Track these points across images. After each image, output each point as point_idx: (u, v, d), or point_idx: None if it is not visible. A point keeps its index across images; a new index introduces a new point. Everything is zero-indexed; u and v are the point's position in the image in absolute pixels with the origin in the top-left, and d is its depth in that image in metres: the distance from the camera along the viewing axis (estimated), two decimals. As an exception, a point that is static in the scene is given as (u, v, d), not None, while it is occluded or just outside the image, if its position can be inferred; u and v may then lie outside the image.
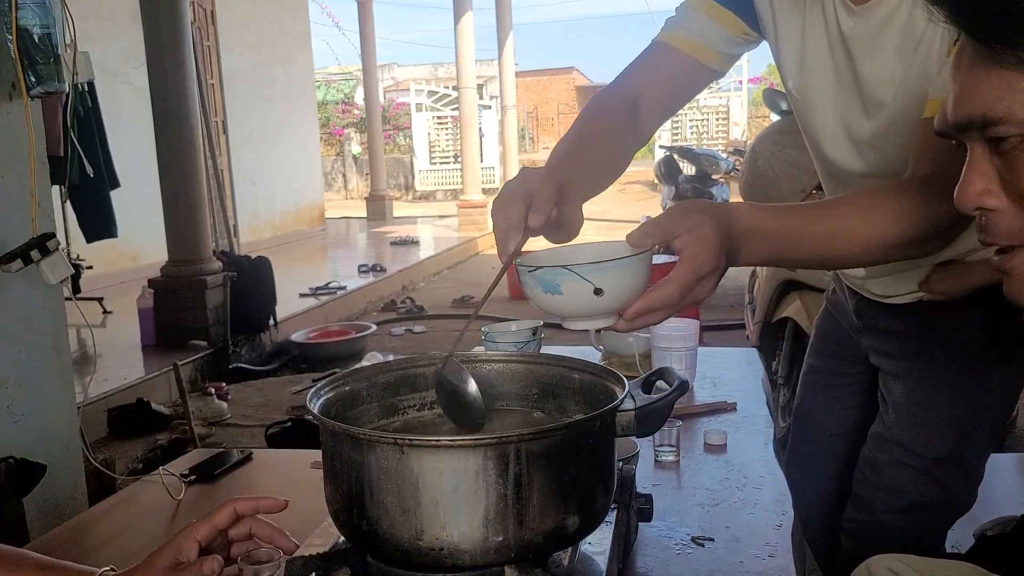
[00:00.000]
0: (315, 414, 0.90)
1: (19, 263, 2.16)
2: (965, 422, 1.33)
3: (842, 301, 1.50)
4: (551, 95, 31.20)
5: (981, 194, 0.72)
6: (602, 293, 0.85)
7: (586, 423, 0.87)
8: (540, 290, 0.88)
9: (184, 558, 0.87)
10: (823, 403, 1.59)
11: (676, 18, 1.25)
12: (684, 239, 0.88)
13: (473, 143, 11.36)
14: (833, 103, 1.20)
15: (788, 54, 1.22)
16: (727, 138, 16.23)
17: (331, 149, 19.25)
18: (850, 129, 1.19)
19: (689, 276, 0.88)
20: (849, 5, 1.12)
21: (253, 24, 9.87)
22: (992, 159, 0.71)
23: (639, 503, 1.08)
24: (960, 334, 1.31)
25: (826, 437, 1.58)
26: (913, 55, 1.07)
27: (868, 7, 1.10)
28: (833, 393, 1.57)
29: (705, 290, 0.90)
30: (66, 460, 2.38)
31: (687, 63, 1.23)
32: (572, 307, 0.88)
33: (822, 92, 1.20)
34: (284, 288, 5.86)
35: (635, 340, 1.86)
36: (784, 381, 3.51)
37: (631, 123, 1.21)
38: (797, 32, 1.19)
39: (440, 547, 0.82)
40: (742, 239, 0.92)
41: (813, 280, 3.36)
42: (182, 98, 4.94)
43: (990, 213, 0.72)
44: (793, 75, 1.23)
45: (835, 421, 1.57)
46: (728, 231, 0.90)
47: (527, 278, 0.89)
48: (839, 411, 1.56)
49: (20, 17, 2.07)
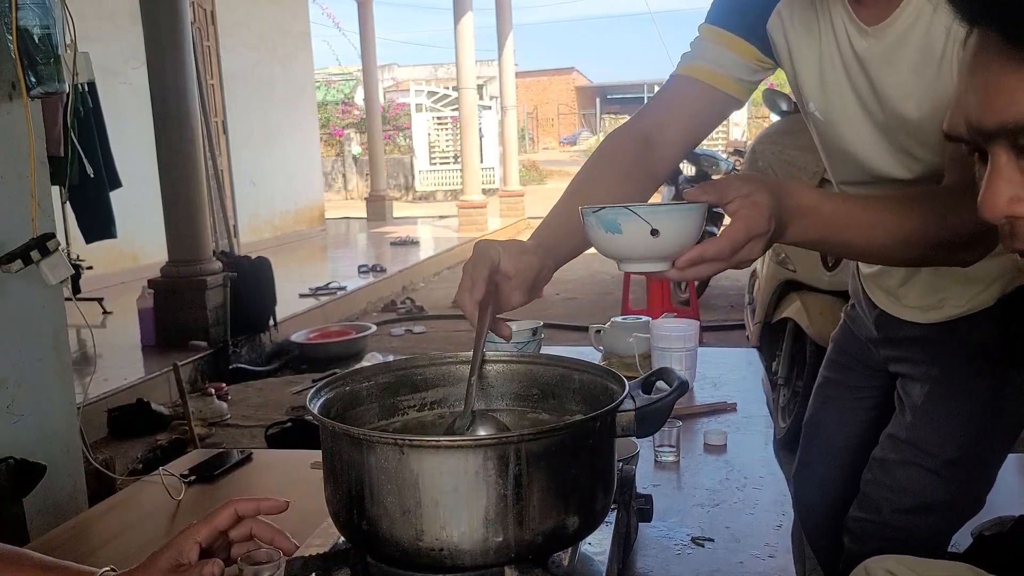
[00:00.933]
0: (315, 414, 0.90)
1: (19, 263, 2.16)
2: (981, 424, 1.33)
3: (861, 316, 1.50)
4: (551, 95, 31.21)
5: (1011, 202, 0.68)
6: (658, 235, 0.90)
7: (586, 423, 0.88)
8: (602, 230, 0.93)
9: (185, 559, 0.87)
10: (836, 415, 1.60)
11: (691, 52, 1.27)
12: (739, 203, 0.93)
13: (473, 143, 11.36)
14: (861, 120, 1.20)
15: (807, 79, 1.23)
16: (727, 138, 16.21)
17: (331, 149, 19.25)
18: (885, 141, 1.20)
19: (740, 234, 0.92)
20: (861, 26, 1.14)
21: (253, 24, 9.87)
22: (1021, 164, 0.67)
23: (639, 503, 1.08)
24: (979, 337, 1.31)
25: (836, 449, 1.59)
26: (936, 71, 1.08)
27: (881, 28, 1.11)
28: (847, 405, 1.58)
29: (755, 251, 0.94)
30: (66, 460, 2.38)
31: (707, 93, 1.24)
32: (630, 248, 0.93)
33: (846, 111, 1.21)
34: (284, 288, 5.86)
35: (635, 340, 1.86)
36: (784, 381, 3.51)
37: (644, 160, 1.23)
38: (814, 56, 1.21)
39: (440, 547, 0.82)
40: (793, 214, 0.96)
41: (813, 281, 3.37)
42: (182, 98, 4.94)
43: (1019, 220, 0.68)
44: (815, 98, 1.24)
45: (845, 433, 1.57)
46: (780, 203, 0.94)
47: (590, 219, 0.94)
48: (850, 424, 1.57)
49: (20, 17, 2.07)
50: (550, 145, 29.22)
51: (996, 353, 1.29)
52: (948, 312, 1.31)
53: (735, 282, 7.03)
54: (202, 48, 8.13)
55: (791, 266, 3.41)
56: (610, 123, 26.09)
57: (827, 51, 1.19)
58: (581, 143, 27.06)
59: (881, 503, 1.40)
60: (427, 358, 1.09)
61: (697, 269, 0.93)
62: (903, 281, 1.35)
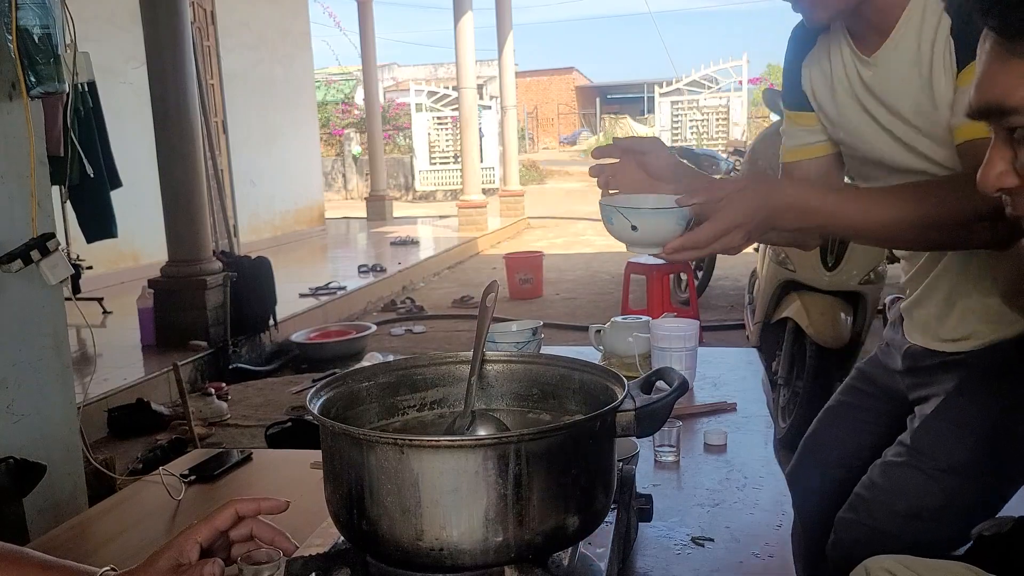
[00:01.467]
0: (315, 414, 0.90)
1: (19, 263, 2.16)
2: (987, 439, 1.34)
3: (893, 351, 1.54)
4: (551, 95, 31.22)
5: (1001, 175, 0.78)
6: (637, 230, 1.13)
7: (586, 423, 0.87)
8: (605, 221, 1.17)
9: (185, 559, 0.87)
10: (837, 431, 1.62)
11: (784, 139, 1.50)
12: (727, 199, 1.08)
13: (473, 143, 11.35)
14: (878, 137, 1.32)
15: (828, 111, 1.39)
16: (727, 138, 16.22)
17: (331, 149, 19.25)
18: (905, 151, 1.29)
19: (721, 224, 1.07)
20: (861, 56, 1.28)
21: (253, 24, 9.87)
22: (1010, 143, 0.77)
23: (639, 503, 1.08)
24: (999, 360, 1.34)
25: (831, 462, 1.60)
26: (929, 78, 1.19)
27: (876, 56, 1.26)
28: (851, 424, 1.60)
29: (735, 239, 1.08)
30: (66, 460, 2.38)
31: (812, 165, 1.46)
32: (619, 236, 1.17)
33: (865, 134, 1.33)
34: (284, 288, 5.86)
35: (635, 340, 1.86)
36: (784, 381, 3.51)
37: None
38: (828, 91, 1.37)
39: (440, 547, 0.82)
40: (782, 209, 1.11)
41: (813, 281, 3.37)
42: (182, 98, 4.94)
43: (1012, 191, 0.79)
44: (839, 124, 1.38)
45: (844, 453, 1.59)
46: (768, 200, 1.10)
47: (602, 211, 1.17)
48: (852, 446, 1.58)
49: (20, 17, 2.07)
50: (550, 145, 29.22)
51: (1014, 375, 1.32)
52: (974, 343, 1.36)
53: (735, 282, 7.03)
54: (202, 48, 8.13)
55: (791, 266, 3.41)
56: (610, 123, 26.07)
57: (839, 86, 1.34)
58: (581, 143, 27.06)
59: (874, 505, 1.40)
60: (427, 358, 1.09)
61: (681, 255, 1.11)
62: (939, 315, 1.41)
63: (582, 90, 32.71)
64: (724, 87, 17.97)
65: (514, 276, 7.16)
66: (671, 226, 1.11)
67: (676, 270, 5.51)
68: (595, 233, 11.31)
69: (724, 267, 7.01)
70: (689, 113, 17.83)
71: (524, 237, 11.79)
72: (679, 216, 1.11)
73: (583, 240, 10.88)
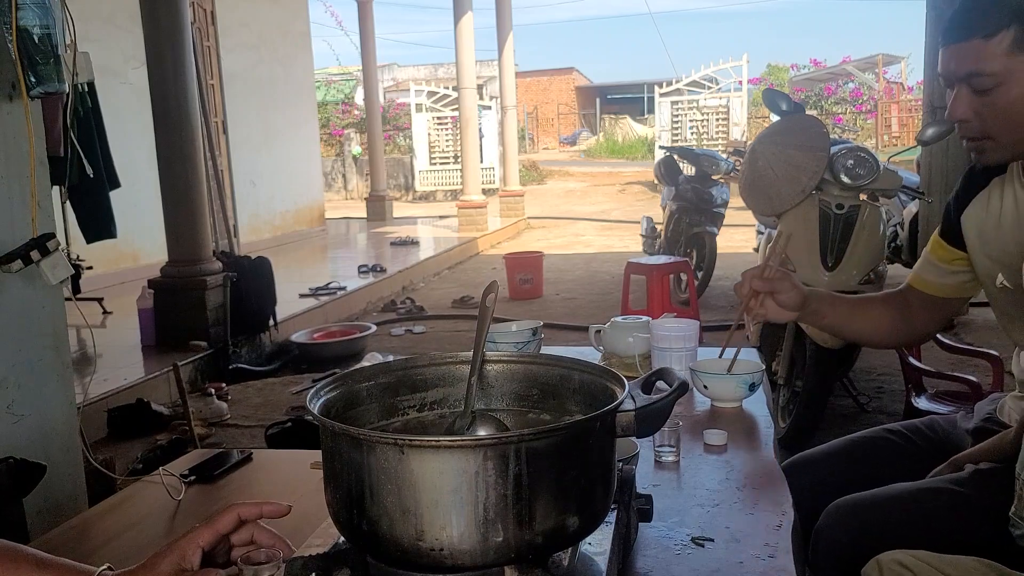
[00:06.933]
0: (315, 414, 0.90)
1: (19, 263, 2.16)
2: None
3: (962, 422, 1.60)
4: (551, 95, 31.20)
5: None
6: None
7: (586, 423, 0.87)
8: None
9: (187, 564, 0.87)
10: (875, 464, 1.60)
11: (917, 264, 1.62)
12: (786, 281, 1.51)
13: (473, 143, 11.35)
14: None
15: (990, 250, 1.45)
16: (727, 138, 16.22)
17: (331, 149, 19.26)
18: None
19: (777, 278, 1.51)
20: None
21: (253, 24, 9.88)
22: None
23: (639, 503, 1.08)
24: None
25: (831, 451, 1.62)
26: None
27: None
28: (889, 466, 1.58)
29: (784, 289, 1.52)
30: (66, 460, 2.38)
31: (920, 297, 1.60)
32: None
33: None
34: (284, 288, 5.86)
35: (635, 340, 1.86)
36: (784, 381, 3.51)
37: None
38: (994, 227, 1.44)
39: (440, 547, 0.82)
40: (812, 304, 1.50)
41: (813, 281, 3.36)
42: (182, 98, 4.94)
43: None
44: (996, 259, 1.44)
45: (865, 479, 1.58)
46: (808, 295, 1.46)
47: None
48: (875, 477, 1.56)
49: (20, 17, 2.07)
50: (550, 145, 29.20)
51: None
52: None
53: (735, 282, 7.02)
54: (202, 48, 8.13)
55: (791, 266, 3.40)
56: (610, 123, 26.06)
57: (1005, 221, 1.41)
58: (581, 143, 27.04)
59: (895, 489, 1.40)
60: (427, 358, 1.09)
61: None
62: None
63: (582, 90, 32.70)
64: (724, 87, 17.95)
65: (514, 276, 7.16)
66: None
67: (676, 270, 5.51)
68: (595, 233, 11.32)
69: (724, 267, 7.01)
70: (689, 113, 17.81)
71: (524, 237, 11.79)
72: None
73: (583, 240, 10.87)
